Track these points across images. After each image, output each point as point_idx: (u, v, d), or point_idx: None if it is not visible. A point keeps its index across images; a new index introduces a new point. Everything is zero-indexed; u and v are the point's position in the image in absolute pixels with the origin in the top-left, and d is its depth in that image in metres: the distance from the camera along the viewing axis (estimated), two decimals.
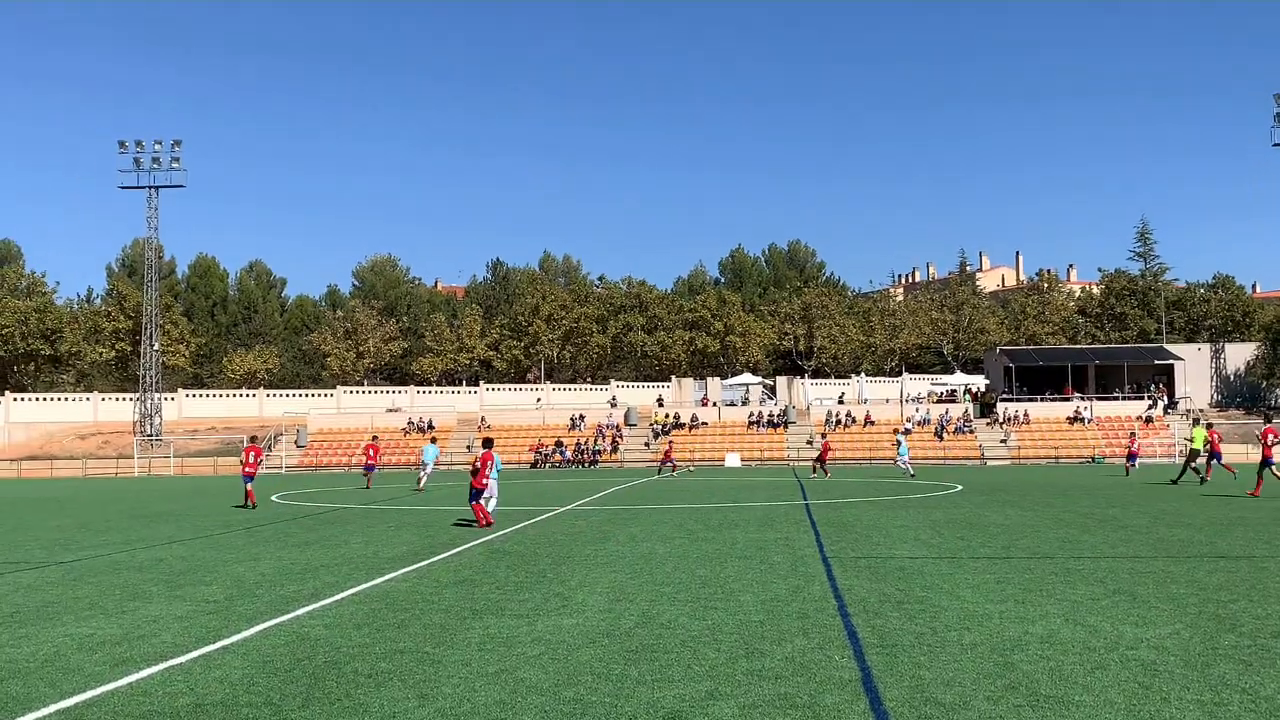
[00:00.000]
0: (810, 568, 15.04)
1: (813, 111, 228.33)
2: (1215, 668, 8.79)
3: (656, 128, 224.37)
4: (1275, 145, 69.74)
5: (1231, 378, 74.06)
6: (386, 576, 14.78)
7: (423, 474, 39.95)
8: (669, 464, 52.46)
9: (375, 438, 47.40)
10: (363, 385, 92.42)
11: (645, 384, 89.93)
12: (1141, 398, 71.56)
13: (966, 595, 12.48)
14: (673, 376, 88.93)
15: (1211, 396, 73.97)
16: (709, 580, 13.88)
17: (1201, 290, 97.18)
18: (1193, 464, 38.68)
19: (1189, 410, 70.10)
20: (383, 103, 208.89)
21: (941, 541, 18.47)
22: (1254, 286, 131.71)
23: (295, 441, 71.91)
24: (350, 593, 13.33)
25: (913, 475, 44.45)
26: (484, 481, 22.66)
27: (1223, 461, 37.01)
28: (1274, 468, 29.65)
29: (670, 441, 58.60)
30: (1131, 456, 45.90)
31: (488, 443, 24.27)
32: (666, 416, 74.48)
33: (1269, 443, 29.93)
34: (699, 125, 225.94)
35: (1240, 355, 74.06)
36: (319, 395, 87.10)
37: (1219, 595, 12.25)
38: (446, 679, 8.81)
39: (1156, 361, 75.05)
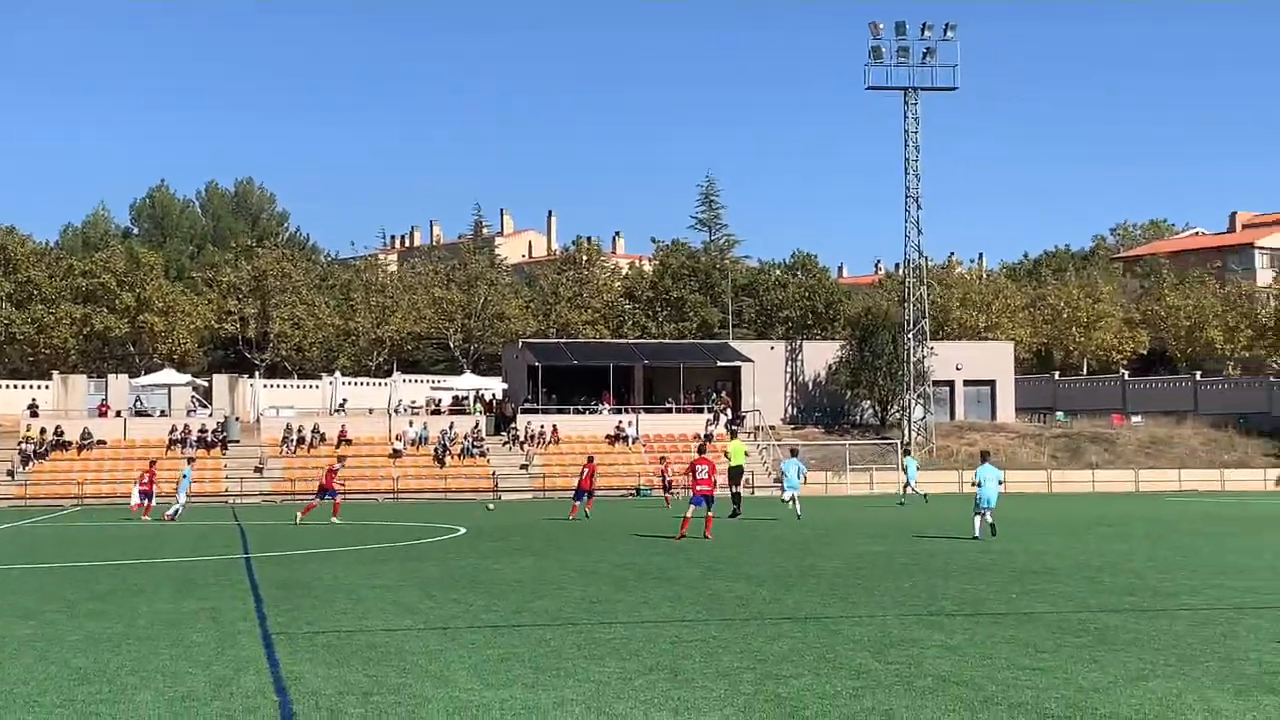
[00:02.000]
0: (244, 650, 14.78)
1: (276, 19, 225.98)
2: None
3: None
4: (869, 89, 77.64)
5: (810, 385, 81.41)
6: None
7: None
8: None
9: None
10: None
11: (12, 383, 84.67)
12: (701, 410, 76.90)
13: (461, 679, 12.74)
14: (54, 373, 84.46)
15: (786, 410, 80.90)
16: (90, 674, 13.25)
17: (778, 272, 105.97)
18: (735, 487, 43.44)
19: (759, 427, 76.27)
20: None
21: (432, 606, 18.79)
22: (840, 270, 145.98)
23: None
24: None
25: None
26: None
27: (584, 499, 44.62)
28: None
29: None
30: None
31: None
32: (42, 432, 70.55)
33: (699, 475, 33.11)
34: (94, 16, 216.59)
35: (821, 356, 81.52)
36: None
37: (781, 669, 13.32)
38: None
39: (720, 363, 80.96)
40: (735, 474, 43.88)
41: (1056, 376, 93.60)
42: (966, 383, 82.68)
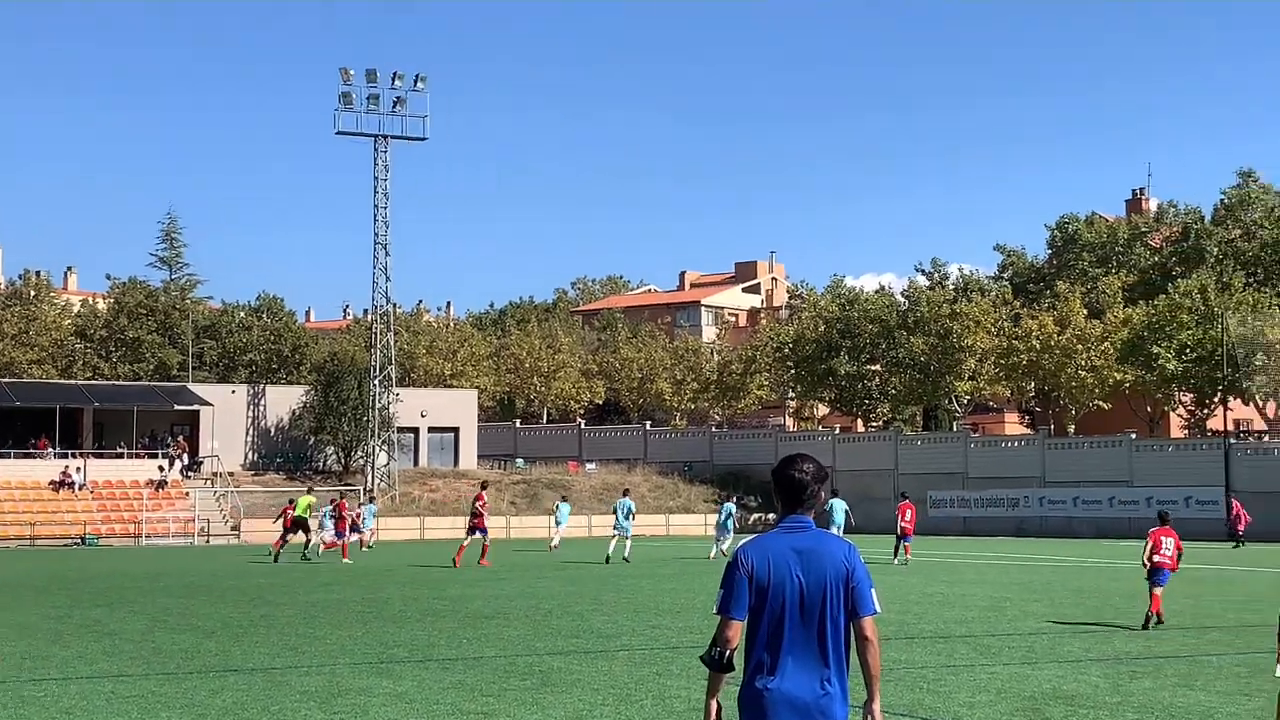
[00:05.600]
0: None
1: None
2: None
3: None
4: (339, 134, 77.30)
5: (273, 431, 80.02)
6: None
7: None
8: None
9: None
10: None
11: None
12: (155, 455, 74.19)
13: None
14: None
15: (247, 455, 79.15)
16: None
17: (242, 314, 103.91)
18: (307, 536, 46.20)
19: (217, 473, 74.28)
20: None
21: None
22: (308, 314, 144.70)
23: None
24: None
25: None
26: None
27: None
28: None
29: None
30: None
31: None
32: None
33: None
34: None
35: (285, 401, 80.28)
36: None
37: None
38: None
39: (178, 406, 78.37)
40: (299, 524, 46.49)
41: (518, 424, 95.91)
42: (431, 429, 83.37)
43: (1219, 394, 71.78)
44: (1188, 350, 71.26)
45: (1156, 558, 22.47)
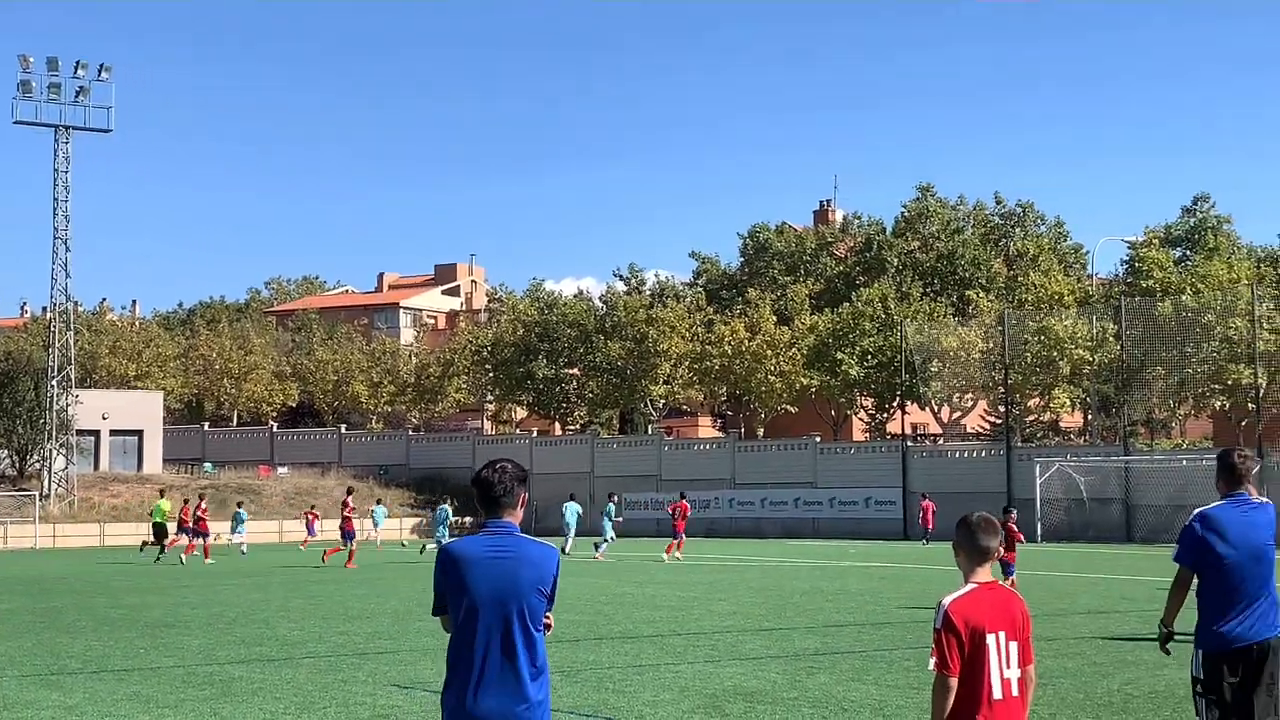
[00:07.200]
0: None
1: None
2: None
3: None
4: (17, 123, 73.86)
5: None
6: None
7: None
8: None
9: None
10: None
11: None
12: None
13: None
14: None
15: None
16: None
17: None
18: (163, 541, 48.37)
19: None
20: None
21: None
22: None
23: None
24: None
25: None
26: None
27: None
28: None
29: None
30: None
31: None
32: None
33: None
34: None
35: None
36: None
37: None
38: None
39: None
40: (160, 530, 49.57)
41: (207, 427, 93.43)
42: (113, 432, 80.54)
43: (897, 399, 74.84)
44: (869, 356, 74.02)
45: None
